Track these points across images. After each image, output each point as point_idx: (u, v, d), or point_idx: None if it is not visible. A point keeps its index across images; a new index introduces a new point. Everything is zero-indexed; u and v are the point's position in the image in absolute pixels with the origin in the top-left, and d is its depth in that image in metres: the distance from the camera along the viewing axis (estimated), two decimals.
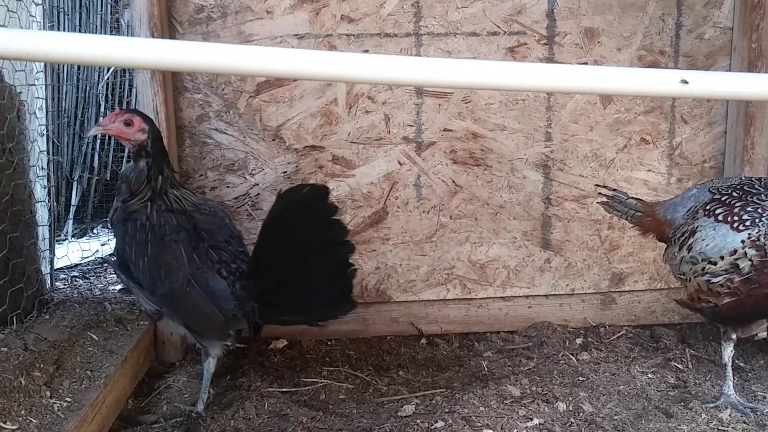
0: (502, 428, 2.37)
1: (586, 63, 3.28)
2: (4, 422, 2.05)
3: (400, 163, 3.31)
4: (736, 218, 2.38)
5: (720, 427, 2.35)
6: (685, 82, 1.54)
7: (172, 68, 2.59)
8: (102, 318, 2.92)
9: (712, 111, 3.38)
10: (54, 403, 2.25)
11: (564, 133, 3.34)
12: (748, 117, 3.26)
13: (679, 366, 3.04)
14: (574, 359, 3.05)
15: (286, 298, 2.40)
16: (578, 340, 3.28)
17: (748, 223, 2.34)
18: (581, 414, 2.52)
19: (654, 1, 3.27)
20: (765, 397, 2.72)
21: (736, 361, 3.08)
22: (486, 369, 3.02)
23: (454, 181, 3.34)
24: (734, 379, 2.66)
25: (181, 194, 2.58)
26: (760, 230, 2.29)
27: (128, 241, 2.46)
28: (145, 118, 2.56)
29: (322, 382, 2.92)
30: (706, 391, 2.74)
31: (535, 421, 2.44)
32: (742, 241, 2.32)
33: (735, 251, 2.33)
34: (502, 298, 3.46)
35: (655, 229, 2.84)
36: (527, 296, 3.46)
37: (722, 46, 3.34)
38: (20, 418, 2.11)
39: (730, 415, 2.42)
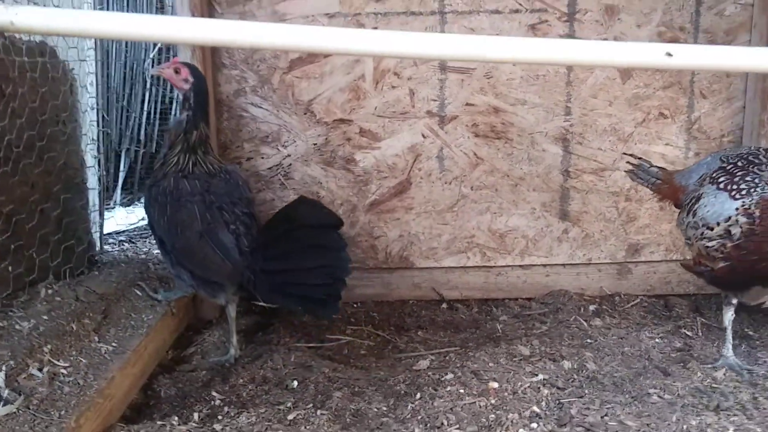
0: (507, 381, 2.54)
1: (606, 39, 3.37)
2: (58, 360, 2.31)
3: (424, 136, 3.47)
4: (734, 186, 2.48)
5: (713, 385, 2.47)
6: (669, 54, 1.68)
7: (210, 44, 2.81)
8: (146, 276, 3.19)
9: (731, 86, 3.45)
10: (101, 346, 2.53)
11: (583, 108, 3.46)
12: (765, 92, 3.33)
13: (689, 333, 3.16)
14: (585, 324, 3.19)
15: (281, 279, 2.78)
16: (592, 307, 3.41)
17: (744, 192, 2.44)
18: (584, 371, 2.68)
19: None
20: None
21: (746, 330, 3.20)
22: (500, 331, 3.20)
23: (475, 154, 3.50)
24: (735, 341, 2.79)
25: (204, 159, 2.85)
26: (753, 199, 2.39)
27: (152, 204, 2.84)
28: (194, 71, 2.83)
29: (345, 339, 3.13)
30: (708, 354, 2.86)
31: (540, 376, 2.60)
32: (736, 209, 2.42)
33: (729, 218, 2.44)
34: (520, 266, 3.61)
35: (671, 196, 2.96)
36: (545, 265, 3.61)
37: (743, 22, 3.40)
38: (72, 358, 2.38)
39: (724, 374, 2.54)
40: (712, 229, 2.50)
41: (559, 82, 3.43)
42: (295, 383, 2.64)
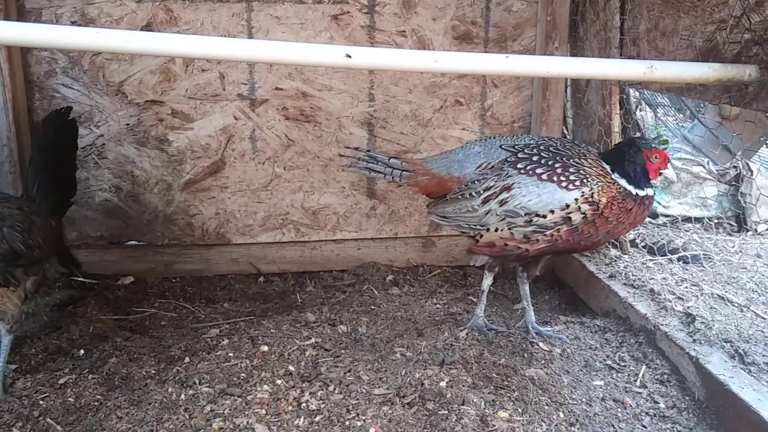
0: (278, 345, 2.78)
1: (404, 31, 3.64)
2: None
3: (236, 118, 3.66)
4: (563, 178, 2.68)
5: (453, 343, 2.78)
6: (348, 56, 1.94)
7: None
8: None
9: (521, 77, 3.80)
10: None
11: (386, 95, 3.73)
12: (545, 82, 3.69)
13: (474, 299, 3.50)
14: (377, 292, 3.48)
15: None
16: (393, 277, 3.72)
17: (577, 183, 2.66)
18: (354, 334, 2.95)
19: None
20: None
21: (529, 297, 3.56)
22: (299, 300, 3.45)
23: (287, 136, 3.71)
24: (518, 306, 3.22)
25: None
26: (592, 189, 2.64)
27: None
28: None
29: (150, 311, 3.31)
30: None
31: (312, 340, 2.86)
32: (576, 199, 2.64)
33: (567, 206, 2.65)
34: (333, 240, 3.87)
35: (438, 186, 3.00)
36: (356, 239, 3.89)
37: (529, 18, 3.74)
38: None
39: (466, 334, 2.87)
40: (544, 217, 2.68)
41: (362, 71, 3.67)
42: (82, 351, 2.80)
